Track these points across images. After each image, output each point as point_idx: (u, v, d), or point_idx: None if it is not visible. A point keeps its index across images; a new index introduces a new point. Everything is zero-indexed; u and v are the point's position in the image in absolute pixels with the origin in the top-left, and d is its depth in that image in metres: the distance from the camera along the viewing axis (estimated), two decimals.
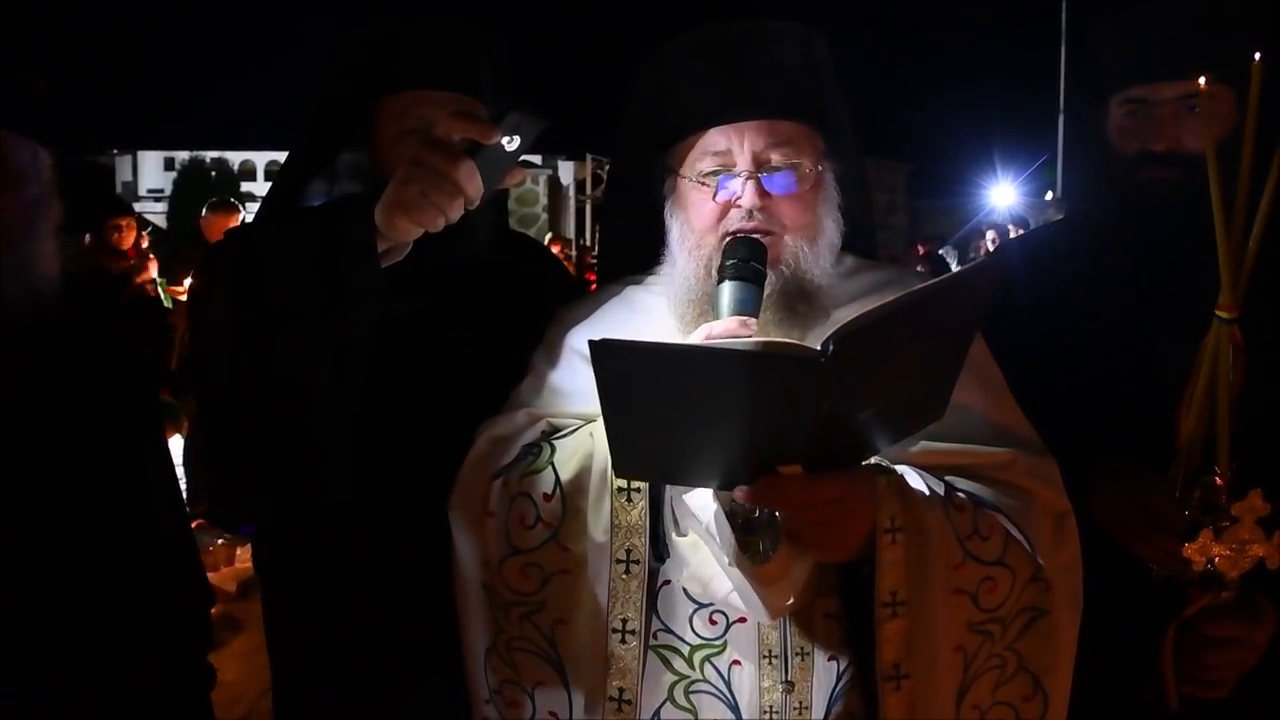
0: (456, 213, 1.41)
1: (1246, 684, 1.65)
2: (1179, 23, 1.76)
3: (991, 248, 11.09)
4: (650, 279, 1.66)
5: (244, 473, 1.57)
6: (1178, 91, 1.75)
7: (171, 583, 1.68)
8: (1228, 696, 1.66)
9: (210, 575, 5.39)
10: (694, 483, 1.34)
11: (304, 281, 1.44)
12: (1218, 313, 1.57)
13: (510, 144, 1.39)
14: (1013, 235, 10.29)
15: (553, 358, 1.63)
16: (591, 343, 1.12)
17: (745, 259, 1.44)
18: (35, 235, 1.54)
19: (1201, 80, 1.57)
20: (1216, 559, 1.56)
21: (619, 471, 1.33)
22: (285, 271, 1.46)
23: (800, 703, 1.43)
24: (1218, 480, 1.57)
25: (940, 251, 13.81)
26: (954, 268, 12.80)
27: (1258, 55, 1.49)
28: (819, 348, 1.08)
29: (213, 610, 4.89)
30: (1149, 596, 1.64)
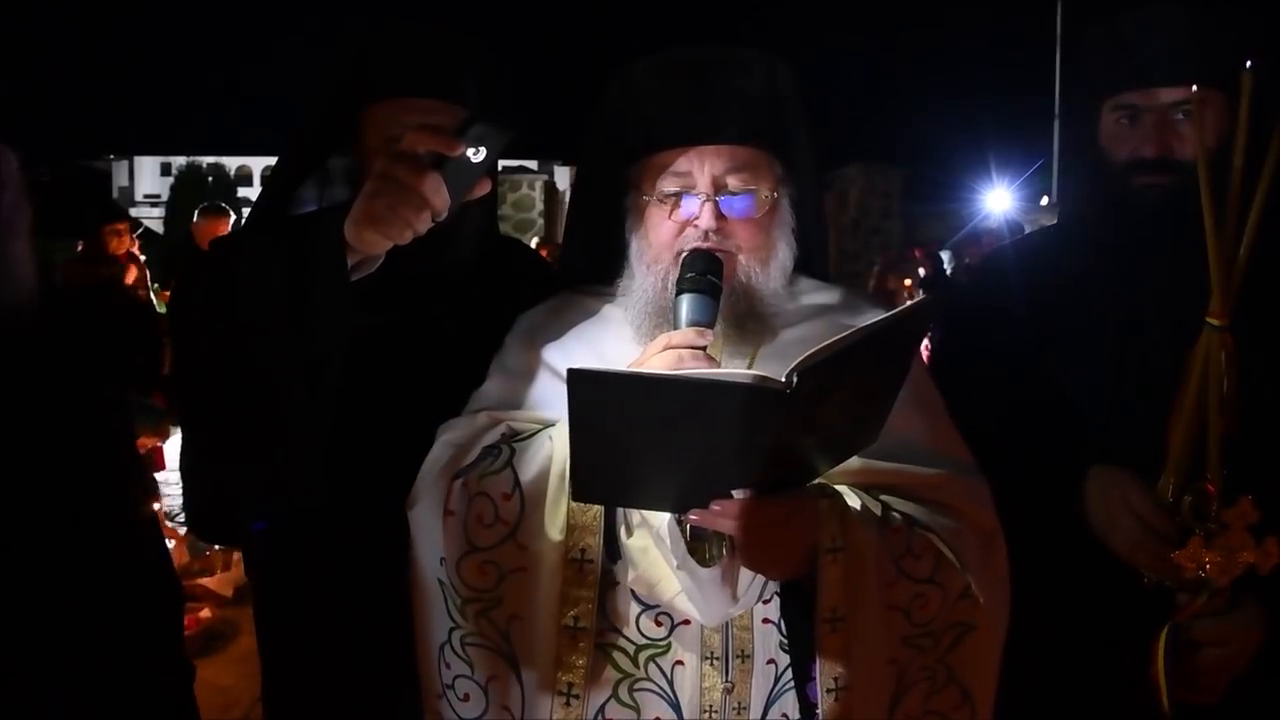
0: (424, 225, 1.42)
1: (1237, 689, 1.66)
2: (1172, 28, 1.77)
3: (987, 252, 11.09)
4: (609, 290, 1.69)
5: (221, 485, 1.58)
6: (1170, 98, 1.75)
7: (142, 582, 1.67)
8: (1218, 702, 1.67)
9: (207, 581, 5.40)
10: (649, 506, 1.39)
11: (273, 295, 1.45)
12: (1209, 320, 1.58)
13: (476, 155, 1.40)
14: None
15: (512, 365, 1.67)
16: (570, 371, 1.16)
17: (702, 272, 1.48)
18: (16, 238, 1.55)
19: (1194, 87, 1.58)
20: (1207, 565, 1.57)
21: (577, 494, 1.38)
22: (255, 285, 1.47)
23: (739, 703, 1.48)
24: (1209, 487, 1.59)
25: (940, 253, 13.82)
26: (949, 270, 12.83)
27: (1248, 65, 1.50)
28: (784, 379, 1.14)
29: (209, 615, 4.86)
30: (1139, 602, 1.65)
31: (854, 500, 1.44)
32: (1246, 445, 1.60)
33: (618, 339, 1.61)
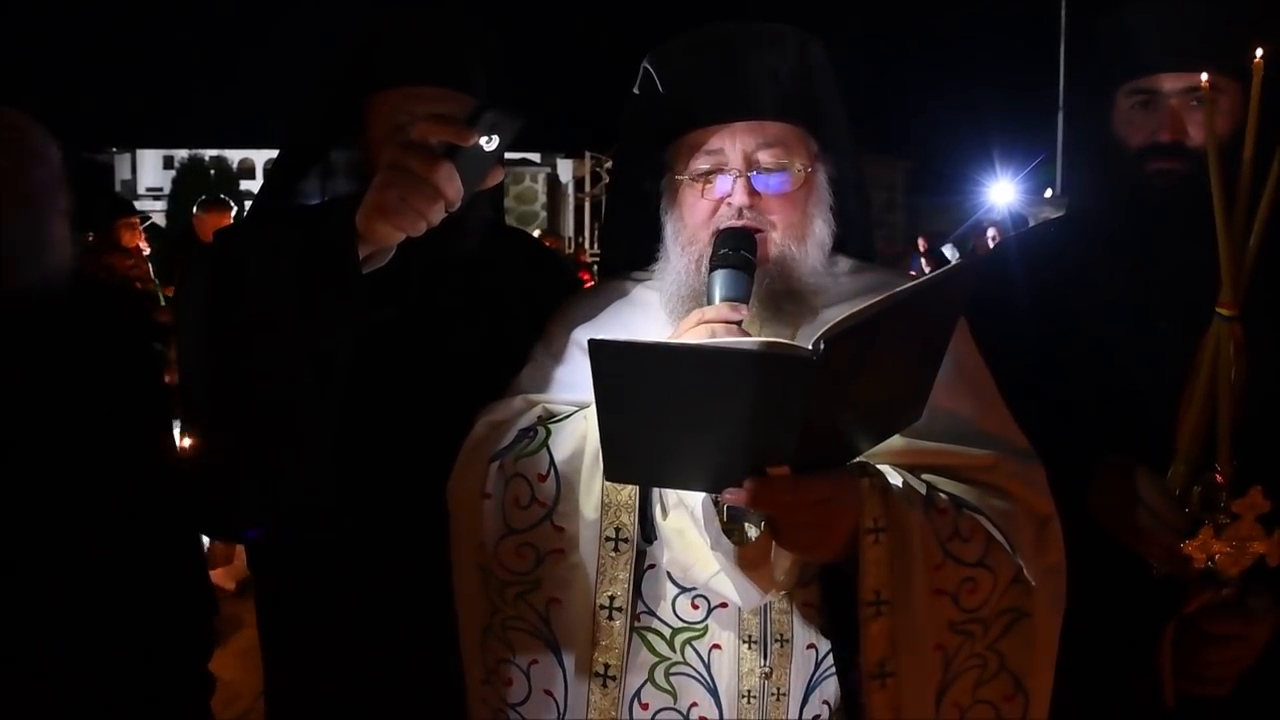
0: (437, 215, 1.40)
1: (1246, 682, 1.65)
2: (1190, 14, 1.76)
3: (993, 245, 11.07)
4: (648, 275, 1.68)
5: (228, 481, 1.57)
6: (1186, 83, 1.74)
7: (172, 587, 1.67)
8: (1227, 695, 1.66)
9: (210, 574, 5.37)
10: (683, 485, 1.37)
11: (284, 288, 1.42)
12: (1219, 310, 1.57)
13: (489, 143, 1.38)
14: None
15: (552, 349, 1.66)
16: (590, 342, 1.13)
17: (735, 248, 1.47)
18: (43, 214, 1.55)
19: (1203, 76, 1.57)
20: (1217, 556, 1.56)
21: (609, 473, 1.35)
22: (265, 278, 1.44)
23: (778, 689, 1.45)
24: (1218, 477, 1.57)
25: (943, 249, 13.81)
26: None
27: (1259, 53, 1.49)
28: (810, 347, 1.10)
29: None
30: (1148, 594, 1.64)
31: (897, 479, 1.41)
32: (1256, 436, 1.58)
33: (653, 322, 1.60)
